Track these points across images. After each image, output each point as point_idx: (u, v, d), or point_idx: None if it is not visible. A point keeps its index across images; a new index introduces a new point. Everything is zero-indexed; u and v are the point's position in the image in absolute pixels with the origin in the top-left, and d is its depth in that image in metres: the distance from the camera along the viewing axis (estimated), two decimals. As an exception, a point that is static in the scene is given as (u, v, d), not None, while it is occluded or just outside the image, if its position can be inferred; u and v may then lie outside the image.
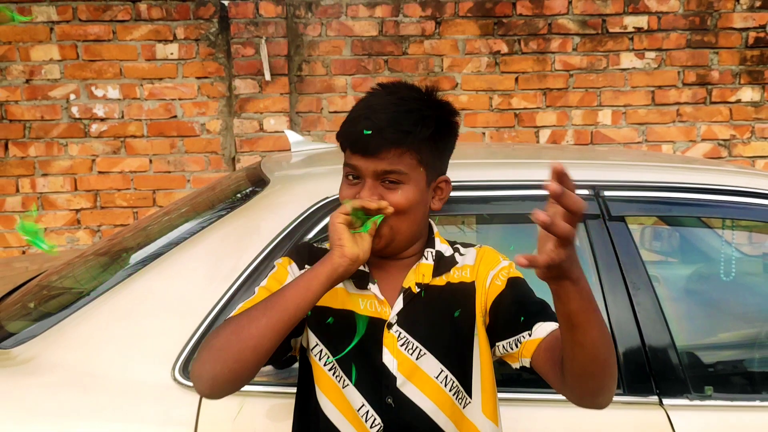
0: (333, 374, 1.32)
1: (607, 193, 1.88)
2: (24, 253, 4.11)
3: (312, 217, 1.78)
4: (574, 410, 1.42)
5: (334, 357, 1.31)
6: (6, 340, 1.82)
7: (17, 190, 4.19)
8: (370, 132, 1.25)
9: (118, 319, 1.75)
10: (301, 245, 1.48)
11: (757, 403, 1.79)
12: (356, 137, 1.27)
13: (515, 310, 1.30)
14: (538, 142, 4.46)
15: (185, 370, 1.64)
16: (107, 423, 1.63)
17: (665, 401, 1.70)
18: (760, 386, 1.94)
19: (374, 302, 1.33)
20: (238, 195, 2.10)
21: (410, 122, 1.26)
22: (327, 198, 1.78)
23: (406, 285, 1.33)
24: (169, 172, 4.24)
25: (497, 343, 1.31)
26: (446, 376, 1.30)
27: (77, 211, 4.22)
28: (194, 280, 1.76)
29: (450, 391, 1.30)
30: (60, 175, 4.19)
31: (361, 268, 1.31)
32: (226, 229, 1.86)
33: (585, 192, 1.87)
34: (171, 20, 4.12)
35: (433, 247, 1.38)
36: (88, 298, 1.84)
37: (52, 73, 4.11)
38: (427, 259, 1.36)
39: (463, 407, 1.32)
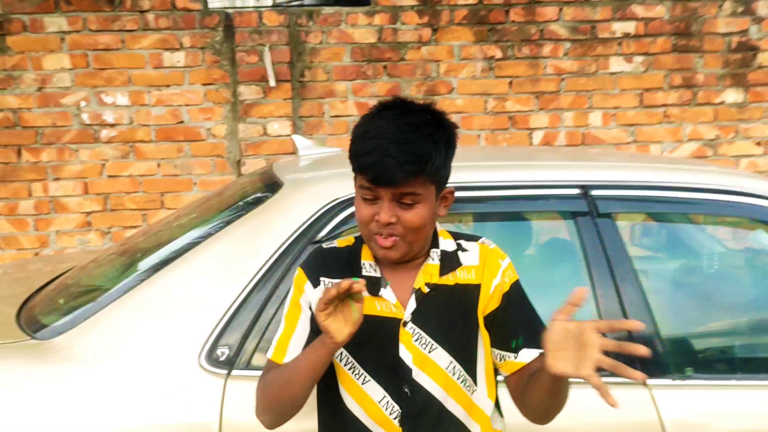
0: (352, 373, 1.43)
1: (595, 192, 2.00)
2: (37, 254, 4.21)
3: (323, 217, 1.90)
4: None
5: (354, 357, 1.42)
6: (41, 331, 1.95)
7: (30, 194, 4.26)
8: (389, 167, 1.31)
9: (147, 312, 1.87)
10: (313, 253, 1.53)
11: (733, 382, 1.94)
12: (378, 171, 1.32)
13: (508, 330, 1.45)
14: (531, 143, 4.54)
15: (210, 357, 1.77)
16: (140, 407, 1.75)
17: (649, 381, 1.82)
18: (736, 367, 2.08)
19: (389, 304, 1.42)
20: (254, 197, 2.20)
21: (426, 151, 1.33)
22: (337, 199, 1.91)
23: (416, 286, 1.42)
24: (177, 175, 4.32)
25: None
26: (455, 367, 1.43)
27: (88, 213, 4.30)
28: (217, 274, 1.89)
29: (458, 379, 1.43)
30: (71, 180, 4.26)
31: (373, 273, 1.43)
32: (246, 228, 1.99)
33: (575, 191, 1.99)
34: (178, 29, 4.20)
35: (438, 247, 1.46)
36: (118, 293, 1.97)
37: (63, 81, 4.18)
38: (433, 259, 1.45)
39: (471, 393, 1.45)
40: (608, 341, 1.21)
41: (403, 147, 1.31)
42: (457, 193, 1.88)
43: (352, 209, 1.86)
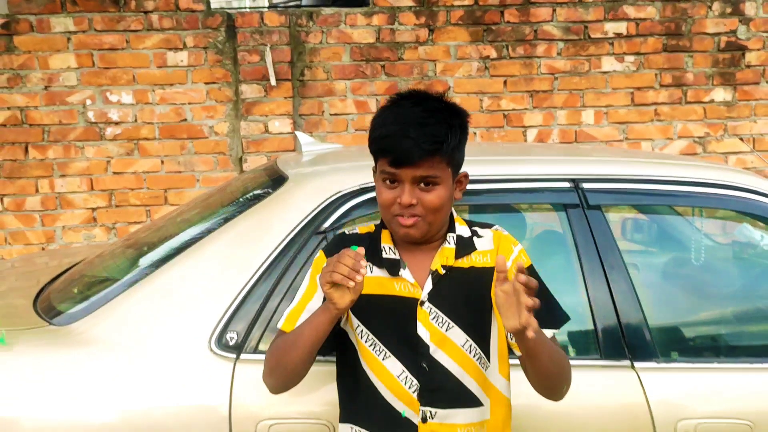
0: (373, 349, 1.51)
1: (585, 185, 2.06)
2: (44, 249, 4.30)
3: (327, 209, 1.96)
4: None
5: (375, 335, 1.50)
6: (58, 318, 2.03)
7: (37, 191, 4.33)
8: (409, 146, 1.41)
9: (160, 299, 1.94)
10: (335, 238, 1.65)
11: (715, 365, 2.00)
12: (398, 152, 1.42)
13: None
14: (525, 141, 4.60)
15: (220, 342, 1.84)
16: (154, 388, 1.82)
17: (636, 364, 1.90)
18: (718, 351, 2.17)
19: (407, 284, 1.51)
20: (260, 190, 2.27)
21: (442, 133, 1.43)
22: (339, 192, 1.97)
23: (433, 267, 1.51)
24: (180, 172, 4.39)
25: None
26: (470, 345, 1.51)
27: (93, 209, 4.38)
28: (227, 264, 1.95)
29: (474, 356, 1.51)
30: (77, 176, 4.34)
31: (392, 255, 1.52)
32: (253, 220, 2.06)
33: (566, 184, 2.06)
34: (181, 30, 4.28)
35: (454, 232, 1.54)
36: (131, 281, 2.04)
37: (69, 80, 4.25)
38: (449, 243, 1.53)
39: (485, 370, 1.53)
40: (522, 284, 1.33)
41: (420, 129, 1.41)
42: None
43: (353, 201, 1.95)
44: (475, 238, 1.56)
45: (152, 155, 4.37)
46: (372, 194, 1.94)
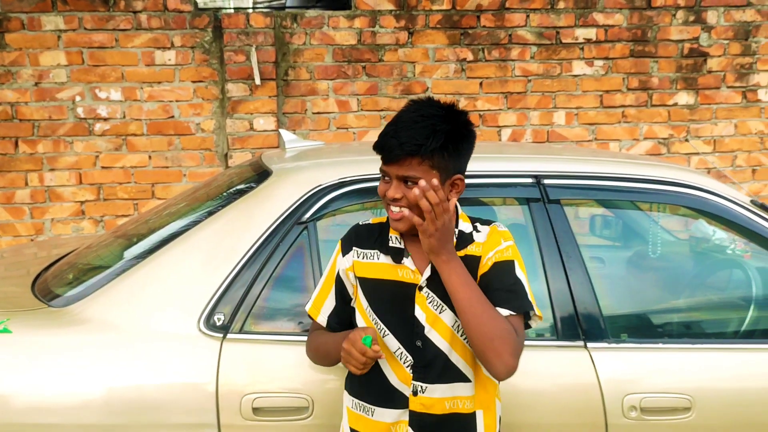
0: (377, 327, 1.64)
1: (546, 181, 2.17)
2: (32, 240, 4.36)
3: (307, 201, 2.06)
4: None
5: (377, 315, 1.64)
6: (55, 300, 2.13)
7: (26, 184, 4.38)
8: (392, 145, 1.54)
9: (153, 283, 2.03)
10: (351, 229, 1.76)
11: (660, 345, 2.12)
12: (384, 151, 1.56)
13: (488, 291, 1.58)
14: (500, 140, 4.70)
15: (208, 323, 1.94)
16: (145, 365, 1.91)
17: (589, 344, 2.03)
18: (662, 333, 2.32)
19: (409, 271, 1.63)
20: (246, 184, 2.35)
21: (423, 136, 1.52)
22: (319, 185, 2.08)
23: None
24: (167, 167, 4.45)
25: None
26: (459, 326, 1.60)
27: (82, 203, 4.43)
28: (215, 250, 2.05)
29: (462, 336, 1.61)
30: (66, 170, 4.38)
31: (398, 245, 1.65)
32: (239, 210, 2.14)
33: (529, 180, 2.17)
34: (169, 29, 4.33)
35: (457, 227, 1.64)
36: (125, 267, 2.12)
37: (59, 77, 4.30)
38: None
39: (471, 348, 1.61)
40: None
41: (406, 131, 1.53)
42: None
43: (333, 194, 2.06)
44: (474, 233, 1.65)
45: (140, 150, 4.42)
46: (350, 187, 2.07)
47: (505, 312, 1.57)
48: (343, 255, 1.71)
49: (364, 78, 4.56)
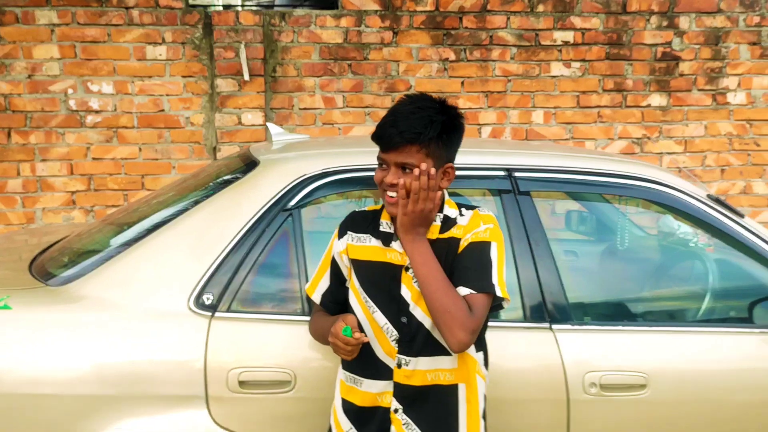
0: (366, 304, 1.76)
1: (517, 174, 2.27)
2: (23, 228, 4.41)
3: (293, 190, 2.14)
4: (489, 332, 1.86)
5: (367, 293, 1.75)
6: (52, 280, 2.20)
7: (18, 174, 4.44)
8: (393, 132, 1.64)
9: (146, 264, 2.11)
10: (349, 215, 1.87)
11: (619, 327, 2.25)
12: (384, 139, 1.67)
13: (457, 270, 1.69)
14: (480, 137, 4.76)
15: (198, 302, 2.02)
16: (138, 341, 1.99)
17: (554, 326, 2.14)
18: (621, 316, 2.43)
19: (396, 254, 1.74)
20: (234, 173, 2.41)
21: (422, 125, 1.63)
22: (304, 175, 2.15)
23: None
24: (157, 159, 4.52)
25: None
26: None
27: (73, 193, 4.49)
28: (204, 235, 2.12)
29: None
30: (57, 161, 4.43)
31: (388, 230, 1.76)
32: (228, 198, 2.23)
33: (501, 173, 2.27)
34: (160, 25, 4.40)
35: (442, 212, 1.75)
36: (119, 250, 2.19)
37: (52, 70, 4.36)
38: (436, 221, 1.74)
39: None
40: None
41: (404, 121, 1.64)
42: None
43: (316, 183, 2.15)
44: (458, 217, 1.76)
45: (130, 143, 4.48)
46: (333, 177, 2.17)
47: (465, 290, 1.66)
48: (339, 239, 1.83)
49: (350, 76, 4.64)
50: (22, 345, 1.97)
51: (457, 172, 2.22)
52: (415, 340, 1.72)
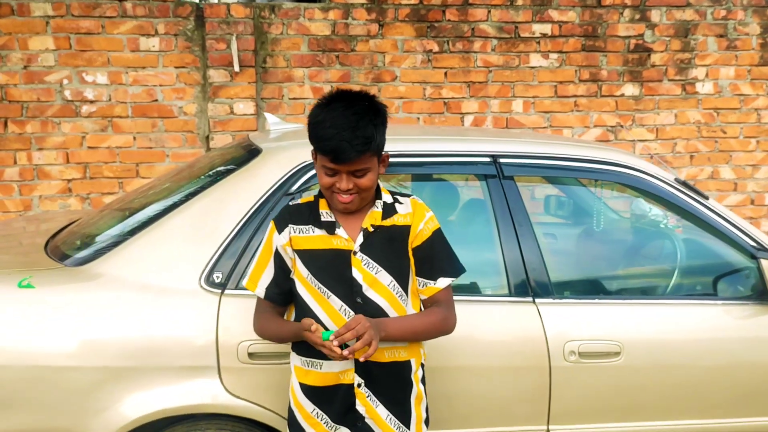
0: (320, 290, 1.81)
1: (502, 160, 2.38)
2: (20, 215, 4.44)
3: (295, 175, 2.24)
4: (478, 306, 2.01)
5: (319, 280, 1.79)
6: (67, 260, 2.29)
7: (15, 162, 4.49)
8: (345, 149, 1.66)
9: (160, 245, 2.19)
10: (282, 209, 1.91)
11: (596, 300, 2.39)
12: (337, 153, 1.67)
13: (435, 264, 1.82)
14: (462, 125, 4.88)
15: (208, 280, 2.12)
16: (154, 316, 2.09)
17: (537, 300, 2.28)
18: (599, 290, 2.56)
19: (342, 240, 1.80)
20: (239, 160, 2.48)
21: (370, 133, 1.69)
22: (305, 162, 2.23)
23: (364, 226, 1.81)
24: (151, 148, 4.58)
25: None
26: (394, 285, 1.82)
27: (69, 181, 4.55)
28: (213, 217, 2.22)
29: (396, 294, 1.83)
30: (53, 150, 4.48)
31: (329, 218, 1.81)
32: (236, 182, 2.30)
33: (487, 159, 2.37)
34: (153, 17, 4.46)
35: (381, 199, 1.84)
36: (133, 233, 2.26)
37: (48, 61, 4.40)
38: (377, 207, 1.83)
39: (405, 305, 1.85)
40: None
41: (353, 133, 1.67)
42: (401, 159, 2.29)
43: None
44: (396, 204, 1.85)
45: (125, 132, 4.54)
46: None
47: (446, 280, 1.85)
48: (279, 233, 1.83)
49: (338, 66, 4.71)
50: (46, 320, 2.06)
51: (445, 159, 2.41)
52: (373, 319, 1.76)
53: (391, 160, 1.89)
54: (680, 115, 5.12)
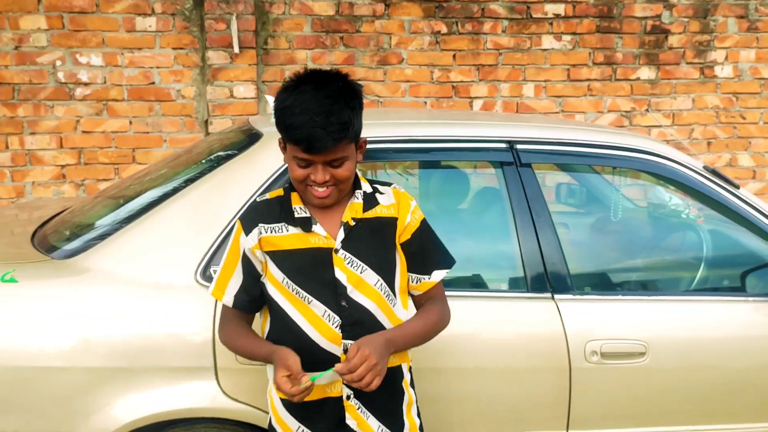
0: (299, 296, 1.64)
1: (519, 147, 2.30)
2: (12, 202, 4.37)
3: None
4: (493, 302, 1.90)
5: (297, 284, 1.62)
6: (55, 252, 2.20)
7: (7, 147, 4.40)
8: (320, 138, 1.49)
9: (152, 238, 2.11)
10: (249, 207, 1.73)
11: (619, 297, 2.31)
12: (310, 142, 1.50)
13: (427, 257, 1.70)
14: (471, 110, 4.80)
15: (204, 275, 2.03)
16: (147, 313, 2.01)
17: (556, 296, 2.19)
18: (621, 286, 2.50)
19: (321, 237, 1.63)
20: (240, 145, 2.41)
21: (347, 118, 1.52)
22: None
23: (344, 219, 1.64)
24: (148, 132, 4.50)
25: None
26: (381, 284, 1.66)
27: (63, 166, 4.46)
28: (212, 206, 2.13)
29: (384, 294, 1.67)
30: (47, 134, 4.40)
31: (304, 214, 1.63)
32: (237, 168, 2.22)
33: (503, 145, 2.29)
34: None
35: (360, 189, 1.67)
36: (125, 223, 2.18)
37: (40, 41, 4.30)
38: (357, 198, 1.66)
39: (393, 306, 1.69)
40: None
41: (327, 119, 1.49)
42: (408, 145, 2.20)
43: None
44: (377, 194, 1.69)
45: (121, 116, 4.46)
46: None
47: (441, 273, 1.74)
48: (246, 234, 1.65)
49: (342, 48, 4.63)
50: (29, 318, 1.98)
51: (456, 144, 2.32)
52: (359, 325, 1.64)
53: (397, 145, 1.74)
54: (698, 100, 5.04)
